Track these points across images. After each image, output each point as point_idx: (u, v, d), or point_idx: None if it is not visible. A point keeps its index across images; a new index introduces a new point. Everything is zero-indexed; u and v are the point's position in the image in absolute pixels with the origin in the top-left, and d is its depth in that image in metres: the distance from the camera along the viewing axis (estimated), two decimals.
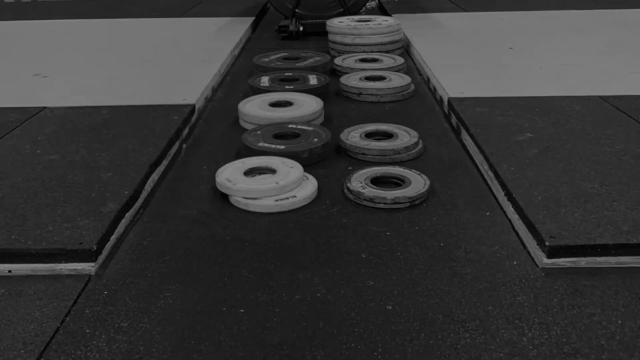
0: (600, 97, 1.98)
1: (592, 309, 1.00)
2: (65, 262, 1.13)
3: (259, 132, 1.73)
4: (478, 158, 1.60)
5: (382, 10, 3.98)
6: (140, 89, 2.17)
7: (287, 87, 2.15)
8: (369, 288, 1.07)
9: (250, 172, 1.48)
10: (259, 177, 1.46)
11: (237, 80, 2.48)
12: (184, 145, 1.77)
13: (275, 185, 1.39)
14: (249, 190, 1.38)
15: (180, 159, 1.68)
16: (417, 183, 1.43)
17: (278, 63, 2.47)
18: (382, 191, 1.39)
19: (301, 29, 3.21)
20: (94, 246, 1.15)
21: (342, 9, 3.27)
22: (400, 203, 1.36)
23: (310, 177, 1.48)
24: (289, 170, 1.46)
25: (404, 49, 2.88)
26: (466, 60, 2.48)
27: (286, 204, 1.36)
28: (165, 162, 1.61)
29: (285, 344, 0.93)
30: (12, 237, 1.18)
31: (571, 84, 2.16)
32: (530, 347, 0.91)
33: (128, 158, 1.55)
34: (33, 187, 1.40)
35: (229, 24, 3.41)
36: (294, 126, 1.76)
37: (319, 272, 1.12)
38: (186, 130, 1.85)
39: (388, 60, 2.50)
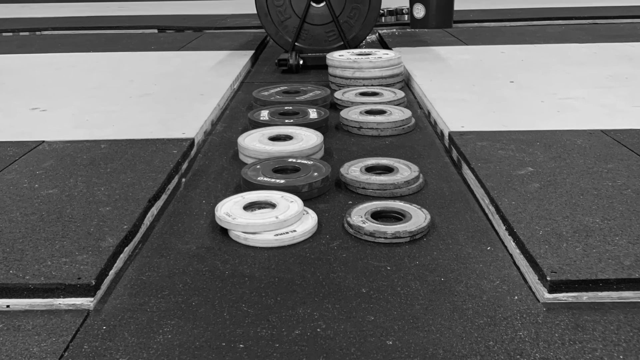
0: (602, 130, 2.02)
1: (593, 344, 1.02)
2: (64, 297, 1.15)
3: (258, 166, 1.76)
4: (479, 192, 1.63)
5: (383, 44, 4.05)
6: (139, 123, 2.21)
7: (286, 120, 2.19)
8: (370, 323, 1.09)
9: (249, 207, 1.51)
10: (258, 212, 1.49)
11: (237, 114, 2.52)
12: (183, 180, 1.80)
13: (275, 220, 1.41)
14: (248, 224, 1.40)
15: (180, 193, 1.70)
16: (418, 217, 1.45)
17: (278, 97, 2.51)
18: (382, 225, 1.41)
19: (301, 62, 3.27)
20: (93, 281, 1.17)
21: (342, 42, 3.33)
22: (400, 237, 1.38)
23: (310, 211, 1.50)
24: (289, 205, 1.49)
25: (405, 82, 2.94)
26: (467, 94, 2.53)
27: (286, 239, 1.38)
28: (164, 197, 1.64)
29: None
30: (11, 271, 1.20)
31: (573, 117, 2.20)
32: None
33: (127, 192, 1.58)
34: (31, 221, 1.42)
35: (229, 57, 3.48)
36: (294, 160, 1.79)
37: (319, 307, 1.14)
38: (185, 165, 1.88)
39: (388, 94, 2.54)
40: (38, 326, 1.09)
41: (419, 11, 4.55)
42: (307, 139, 1.97)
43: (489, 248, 1.36)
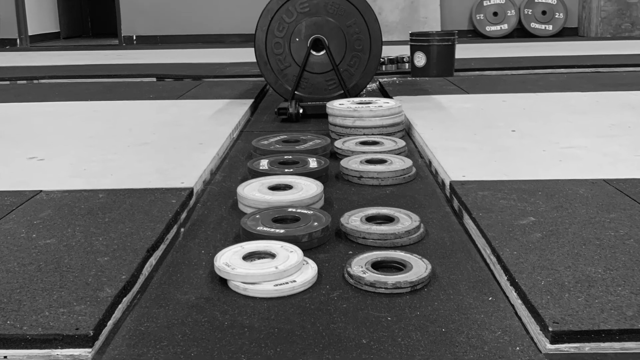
0: (604, 180, 2.06)
1: None
2: (62, 348, 1.17)
3: (258, 216, 1.80)
4: (480, 242, 1.66)
5: (383, 92, 4.14)
6: (138, 172, 2.26)
7: (286, 170, 2.24)
8: None
9: (249, 257, 1.54)
10: (258, 262, 1.51)
11: (236, 163, 2.57)
12: (182, 229, 1.83)
13: (274, 270, 1.44)
14: (247, 274, 1.43)
15: (178, 243, 1.74)
16: (419, 267, 1.48)
17: (277, 146, 2.57)
18: (383, 276, 1.44)
19: (301, 111, 3.34)
20: (91, 332, 1.19)
21: (342, 91, 3.41)
22: (401, 288, 1.41)
23: (310, 261, 1.53)
24: (289, 255, 1.52)
25: (405, 131, 2.99)
26: (468, 143, 2.58)
27: (286, 289, 1.41)
28: (163, 247, 1.67)
29: None
30: (8, 322, 1.23)
31: (575, 167, 2.25)
32: None
33: (125, 242, 1.61)
34: (29, 271, 1.45)
35: (228, 106, 3.55)
36: (294, 210, 1.83)
37: (320, 358, 1.16)
38: (184, 214, 1.92)
39: (389, 143, 2.60)
40: None
41: (420, 59, 4.65)
42: (307, 189, 2.01)
43: (490, 298, 1.39)
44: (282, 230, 1.69)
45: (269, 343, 1.21)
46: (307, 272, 1.48)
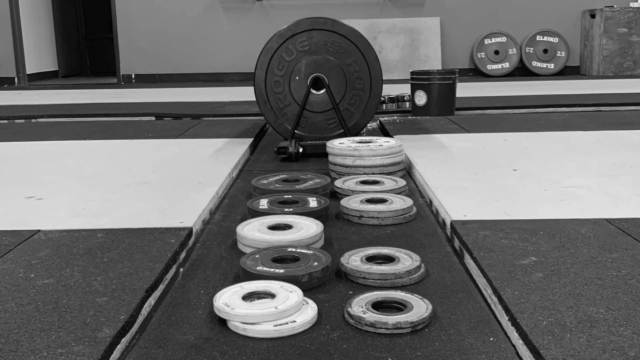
0: (606, 219, 2.09)
1: None
2: None
3: (257, 256, 1.82)
4: (481, 282, 1.68)
5: (384, 131, 4.18)
6: (137, 212, 2.29)
7: (286, 209, 2.26)
8: None
9: (248, 297, 1.55)
10: (257, 302, 1.53)
11: (236, 202, 2.60)
12: (181, 269, 1.85)
13: (274, 310, 1.46)
14: (247, 315, 1.44)
15: (178, 283, 1.76)
16: (419, 308, 1.50)
17: (277, 185, 2.60)
18: (383, 316, 1.46)
19: (301, 150, 3.38)
20: None
21: (342, 130, 3.45)
22: (402, 328, 1.42)
23: (310, 301, 1.55)
24: (289, 295, 1.54)
25: (406, 170, 3.03)
26: (469, 182, 2.61)
27: (285, 330, 1.43)
28: (161, 287, 1.69)
29: None
30: None
31: (576, 206, 2.28)
32: None
33: (124, 282, 1.63)
34: (27, 311, 1.47)
35: (227, 145, 3.59)
36: (294, 249, 1.85)
37: None
38: (183, 254, 1.94)
39: (389, 182, 2.63)
40: None
41: (421, 98, 4.71)
42: (307, 228, 2.03)
43: (491, 339, 1.40)
44: (281, 270, 1.71)
45: None
46: (307, 313, 1.50)
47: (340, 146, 2.92)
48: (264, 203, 2.35)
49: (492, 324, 1.48)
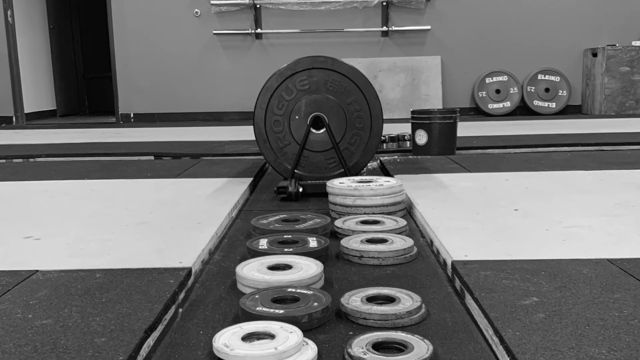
0: (608, 260, 2.11)
1: None
2: None
3: (257, 296, 1.84)
4: (482, 323, 1.70)
5: (384, 171, 4.22)
6: (135, 252, 2.31)
7: (286, 249, 2.28)
8: None
9: (248, 337, 1.57)
10: (257, 343, 1.55)
11: (235, 242, 2.62)
12: (180, 310, 1.87)
13: (274, 351, 1.47)
14: (246, 356, 1.46)
15: (177, 323, 1.77)
16: (420, 348, 1.51)
17: (277, 225, 2.62)
18: (384, 357, 1.47)
19: (300, 190, 3.40)
20: None
21: (342, 170, 3.49)
22: None
23: (310, 342, 1.56)
24: (288, 336, 1.55)
25: (407, 210, 3.06)
26: (470, 222, 2.64)
27: None
28: (160, 327, 1.70)
29: None
30: None
31: (578, 246, 2.30)
32: None
33: (122, 323, 1.65)
34: (25, 352, 1.48)
35: (227, 184, 3.63)
36: (293, 290, 1.87)
37: None
38: (182, 294, 1.96)
39: (390, 222, 2.65)
40: None
41: (422, 138, 4.76)
42: (306, 268, 2.05)
43: None
44: (281, 311, 1.73)
45: None
46: (307, 353, 1.51)
47: (340, 186, 2.95)
48: (263, 243, 2.37)
49: None
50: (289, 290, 1.88)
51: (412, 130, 4.84)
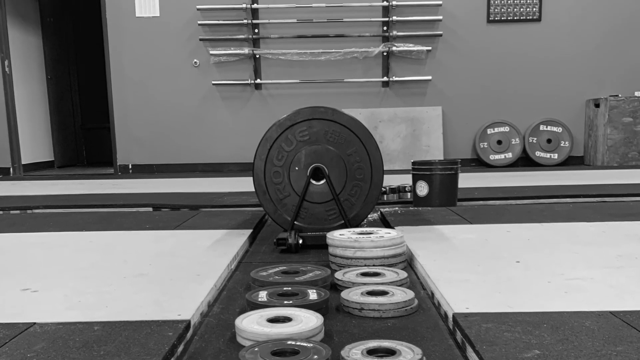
0: (610, 312, 2.13)
1: None
2: None
3: (256, 349, 1.85)
4: None
5: (385, 222, 4.25)
6: (134, 304, 2.33)
7: (285, 302, 2.30)
8: None
9: None
10: None
11: (234, 294, 2.64)
12: None
13: None
14: None
15: None
16: None
17: (276, 277, 2.64)
18: None
19: (300, 241, 3.43)
20: None
21: (342, 221, 3.52)
22: None
23: None
24: None
25: (407, 262, 3.08)
26: (472, 274, 2.66)
27: None
28: None
29: None
30: None
31: (581, 298, 2.32)
32: None
33: None
34: None
35: (226, 236, 3.66)
36: (293, 343, 1.89)
37: None
38: (181, 347, 1.97)
39: (391, 274, 2.68)
40: None
41: (422, 189, 4.80)
42: (306, 321, 2.07)
43: None
44: None
45: None
46: None
47: (340, 237, 2.98)
48: (263, 295, 2.39)
49: None
50: (289, 343, 1.89)
51: (413, 181, 4.88)
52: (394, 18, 9.34)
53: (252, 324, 2.06)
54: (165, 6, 9.54)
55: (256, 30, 9.49)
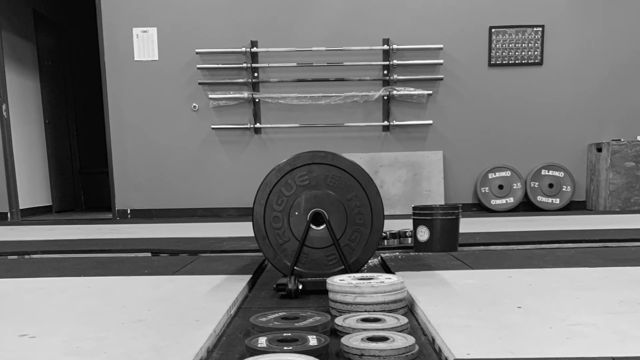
0: (612, 358, 2.15)
1: None
2: None
3: None
4: None
5: (385, 268, 4.27)
6: (132, 350, 2.34)
7: (285, 348, 2.31)
8: None
9: None
10: None
11: (234, 340, 2.65)
12: None
13: None
14: None
15: None
16: None
17: (276, 323, 2.66)
18: None
19: (300, 287, 3.44)
20: None
21: (343, 266, 3.53)
22: None
23: None
24: None
25: (408, 307, 3.09)
26: (473, 320, 2.68)
27: None
28: None
29: None
30: None
31: (583, 344, 2.33)
32: None
33: None
34: None
35: (225, 282, 3.67)
36: None
37: None
38: None
39: (391, 320, 2.69)
40: None
41: (423, 234, 4.82)
42: None
43: None
44: None
45: None
46: None
47: (340, 283, 3.00)
48: (262, 341, 2.41)
49: None
50: None
51: (414, 226, 4.90)
52: (395, 62, 9.48)
53: None
54: (164, 50, 9.68)
55: (255, 74, 9.61)
